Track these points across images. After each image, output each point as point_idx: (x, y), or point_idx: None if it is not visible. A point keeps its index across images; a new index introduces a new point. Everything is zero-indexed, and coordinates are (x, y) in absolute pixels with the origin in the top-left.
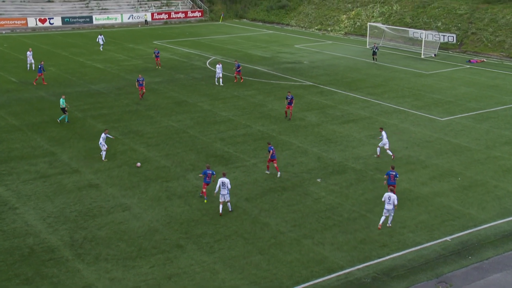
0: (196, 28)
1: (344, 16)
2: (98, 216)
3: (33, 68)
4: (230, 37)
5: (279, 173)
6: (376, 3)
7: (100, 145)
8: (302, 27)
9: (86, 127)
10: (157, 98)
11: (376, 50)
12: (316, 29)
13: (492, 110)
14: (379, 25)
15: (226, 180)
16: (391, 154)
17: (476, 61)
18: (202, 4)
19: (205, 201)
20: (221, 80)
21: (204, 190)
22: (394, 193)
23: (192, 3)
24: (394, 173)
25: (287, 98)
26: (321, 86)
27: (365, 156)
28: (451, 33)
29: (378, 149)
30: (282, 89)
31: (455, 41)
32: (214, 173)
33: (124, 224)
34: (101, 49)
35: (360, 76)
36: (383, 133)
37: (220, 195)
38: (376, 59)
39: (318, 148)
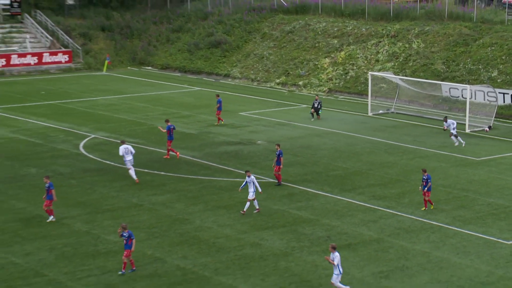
0: (60, 83)
1: (327, 60)
2: None
3: None
4: (122, 98)
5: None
6: (382, 37)
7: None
8: (252, 80)
9: None
10: None
11: (319, 106)
12: (278, 84)
13: None
14: (389, 75)
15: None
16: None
17: None
18: (71, 41)
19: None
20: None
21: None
22: None
23: (51, 38)
24: (425, 177)
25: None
26: (289, 185)
27: None
28: None
29: None
30: (218, 191)
31: None
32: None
33: None
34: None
35: (360, 166)
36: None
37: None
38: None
39: None
